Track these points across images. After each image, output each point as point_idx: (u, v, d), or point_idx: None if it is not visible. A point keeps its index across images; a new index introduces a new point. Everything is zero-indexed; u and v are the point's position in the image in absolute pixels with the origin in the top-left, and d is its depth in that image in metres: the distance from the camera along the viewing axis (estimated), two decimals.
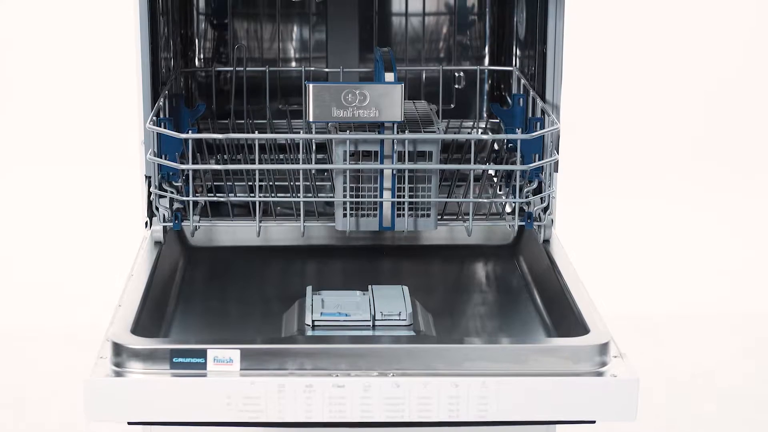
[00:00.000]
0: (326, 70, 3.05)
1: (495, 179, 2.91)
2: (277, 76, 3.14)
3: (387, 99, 2.45)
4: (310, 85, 2.45)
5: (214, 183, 2.79)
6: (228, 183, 2.76)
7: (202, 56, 3.20)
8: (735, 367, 2.95)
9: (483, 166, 2.62)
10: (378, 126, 2.50)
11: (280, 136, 2.54)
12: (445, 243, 2.71)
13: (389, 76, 2.50)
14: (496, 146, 3.02)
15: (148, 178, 2.64)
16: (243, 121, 3.03)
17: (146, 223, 2.67)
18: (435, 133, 2.53)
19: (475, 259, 2.67)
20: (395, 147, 2.50)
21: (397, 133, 2.49)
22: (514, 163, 2.61)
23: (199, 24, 3.19)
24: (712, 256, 3.16)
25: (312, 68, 3.07)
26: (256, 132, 2.46)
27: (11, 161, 3.56)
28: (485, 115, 3.24)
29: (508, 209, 2.80)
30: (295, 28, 3.18)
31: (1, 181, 3.50)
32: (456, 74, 3.23)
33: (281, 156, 2.97)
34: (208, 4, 3.14)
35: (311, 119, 2.46)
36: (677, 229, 3.27)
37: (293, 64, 3.23)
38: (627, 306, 2.97)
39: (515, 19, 3.09)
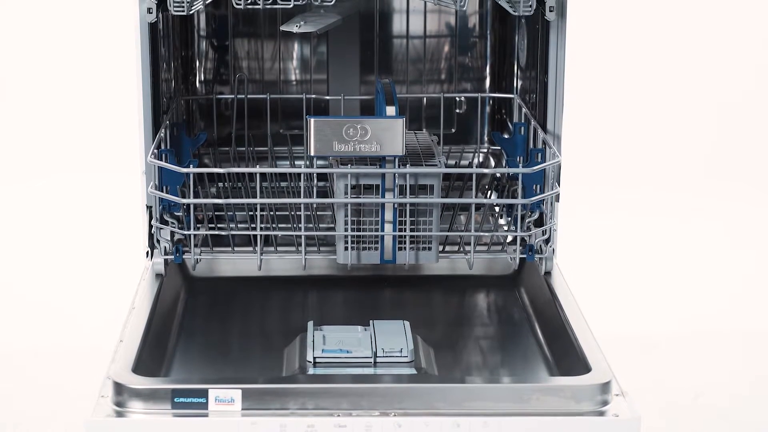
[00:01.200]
0: (327, 97, 3.04)
1: (496, 209, 2.91)
2: (277, 100, 3.15)
3: (388, 133, 2.45)
4: (312, 120, 2.45)
5: (216, 213, 2.79)
6: (229, 213, 2.76)
7: (203, 77, 3.20)
8: (738, 387, 2.95)
9: (484, 200, 2.62)
10: (379, 160, 2.50)
11: (282, 170, 2.55)
12: (446, 273, 2.70)
13: (390, 110, 2.50)
14: (498, 174, 3.02)
15: (149, 208, 2.64)
16: (244, 149, 3.02)
17: (147, 252, 2.67)
18: (436, 167, 2.53)
19: (477, 290, 2.67)
20: (396, 180, 2.50)
21: (399, 166, 2.49)
22: (515, 191, 2.61)
23: (200, 45, 3.19)
24: (718, 278, 3.16)
25: (313, 95, 3.06)
26: (258, 166, 2.44)
27: (14, 176, 3.56)
28: (486, 139, 3.24)
29: (509, 238, 2.80)
30: (296, 49, 3.18)
31: (3, 199, 3.50)
32: (457, 98, 3.23)
33: (282, 184, 2.97)
34: (209, 25, 3.14)
35: (312, 153, 2.46)
36: (680, 251, 3.27)
37: (294, 83, 3.23)
38: (629, 327, 2.96)
39: (516, 45, 3.08)
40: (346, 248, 2.54)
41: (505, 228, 2.77)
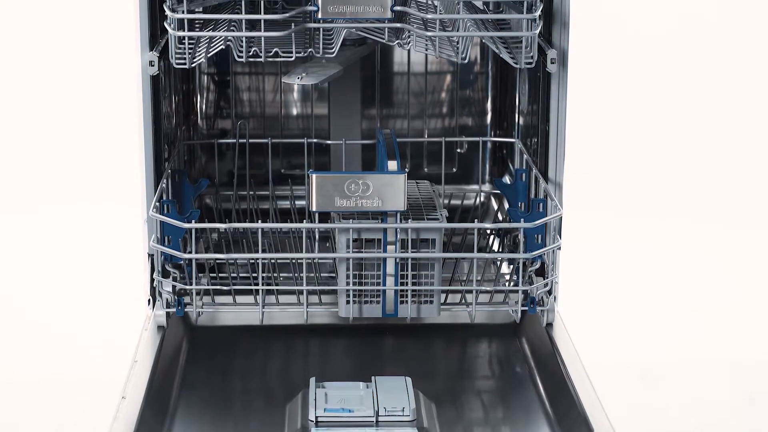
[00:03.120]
0: (328, 142, 3.05)
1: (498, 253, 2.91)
2: (279, 132, 3.16)
3: (390, 188, 2.46)
4: (314, 176, 2.45)
5: (217, 261, 2.79)
6: (230, 263, 2.76)
7: (204, 111, 3.20)
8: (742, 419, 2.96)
9: (486, 255, 2.62)
10: (381, 214, 2.50)
11: (284, 226, 2.55)
12: (447, 322, 2.70)
13: (392, 165, 2.50)
14: (500, 216, 3.02)
15: (150, 256, 2.64)
16: (245, 192, 3.03)
17: (149, 300, 2.67)
18: (438, 221, 2.53)
19: (478, 341, 2.67)
20: (398, 235, 2.50)
21: (400, 221, 2.49)
22: (516, 237, 2.61)
23: (201, 80, 3.20)
24: (729, 322, 3.16)
25: (314, 140, 3.07)
26: (258, 206, 2.45)
27: (17, 210, 3.57)
28: (488, 178, 3.24)
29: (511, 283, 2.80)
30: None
31: (8, 230, 3.50)
32: (458, 144, 3.23)
33: (283, 229, 2.97)
34: (210, 59, 3.13)
35: (314, 209, 2.46)
36: (683, 295, 3.28)
37: (295, 117, 3.23)
38: (631, 373, 2.97)
39: (517, 88, 3.09)
40: (347, 302, 2.55)
41: (507, 278, 2.77)
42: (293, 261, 2.76)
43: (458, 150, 3.22)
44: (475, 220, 2.68)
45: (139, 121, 2.62)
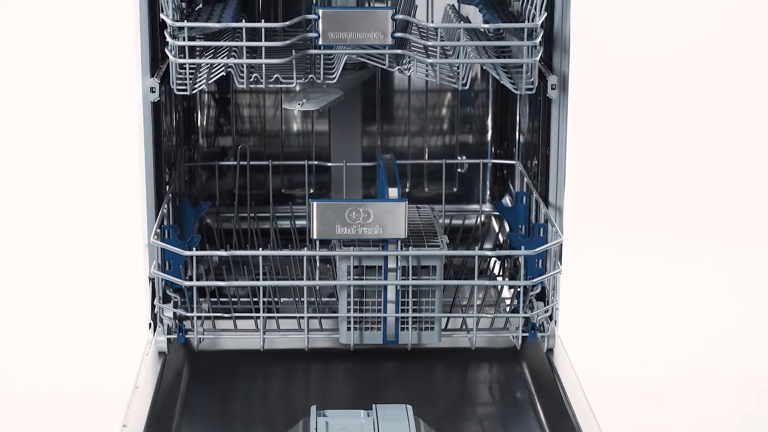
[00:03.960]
0: (329, 164, 3.05)
1: (498, 278, 2.92)
2: (280, 149, 3.16)
3: (391, 216, 2.46)
4: (314, 204, 2.46)
5: (218, 286, 2.79)
6: (231, 286, 2.77)
7: (204, 129, 3.20)
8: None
9: (486, 282, 2.63)
10: (382, 241, 2.51)
11: (285, 253, 2.55)
12: (448, 346, 2.70)
13: (393, 192, 2.50)
14: (501, 237, 3.03)
15: (151, 280, 2.64)
16: (246, 211, 3.03)
17: (150, 324, 2.67)
18: (439, 248, 2.53)
19: (479, 365, 2.68)
20: (399, 262, 2.51)
21: (401, 248, 2.50)
22: (517, 259, 2.61)
23: (201, 97, 3.20)
24: (733, 351, 3.17)
25: (315, 162, 3.07)
26: (260, 250, 2.45)
27: (17, 229, 3.57)
28: (488, 198, 3.25)
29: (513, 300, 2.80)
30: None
31: (8, 251, 3.51)
32: (459, 157, 3.24)
33: (284, 249, 2.98)
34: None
35: (315, 236, 2.47)
36: (684, 317, 3.29)
37: (296, 134, 3.24)
38: (632, 397, 2.97)
39: (518, 109, 3.09)
40: (348, 329, 2.55)
41: (507, 303, 2.77)
42: (294, 287, 2.77)
43: (459, 170, 3.23)
44: (476, 247, 2.68)
45: (140, 146, 2.63)
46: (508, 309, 2.75)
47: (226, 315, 2.60)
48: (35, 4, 3.45)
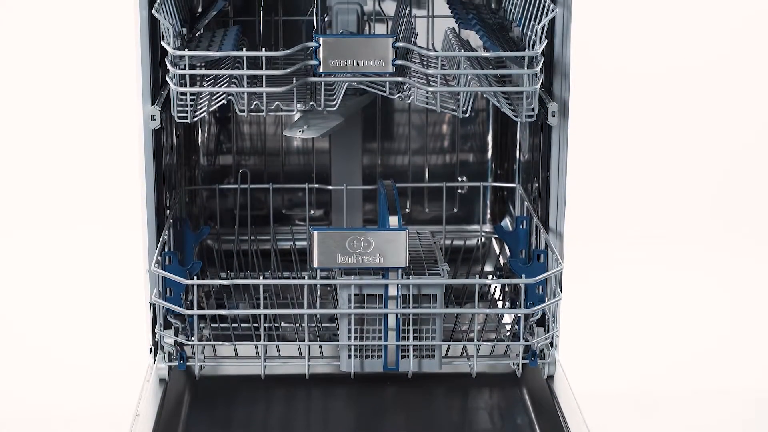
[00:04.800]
0: (330, 187, 3.05)
1: (499, 303, 2.92)
2: (280, 167, 3.16)
3: (391, 245, 2.47)
4: (315, 233, 2.46)
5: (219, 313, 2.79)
6: (232, 309, 2.77)
7: (205, 141, 3.21)
8: None
9: (486, 310, 2.63)
10: (382, 269, 2.51)
11: (286, 282, 2.55)
12: (448, 372, 2.70)
13: (393, 221, 2.51)
14: (501, 260, 3.03)
15: (152, 305, 2.64)
16: (247, 230, 3.04)
17: (150, 349, 2.67)
18: (439, 276, 2.54)
19: (479, 392, 2.68)
20: (400, 290, 2.51)
21: (402, 276, 2.50)
22: (517, 284, 2.62)
23: (202, 117, 3.20)
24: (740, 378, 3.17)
25: (315, 185, 3.08)
26: (261, 276, 2.46)
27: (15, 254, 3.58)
28: (488, 217, 3.25)
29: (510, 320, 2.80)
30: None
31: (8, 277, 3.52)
32: (459, 178, 3.24)
33: (285, 274, 2.99)
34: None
35: (316, 265, 2.47)
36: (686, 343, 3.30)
37: (296, 152, 3.24)
38: (631, 389, 2.97)
39: (518, 131, 3.09)
40: (349, 356, 2.56)
41: (508, 328, 2.77)
42: (295, 315, 2.77)
43: (459, 191, 3.23)
44: (477, 272, 2.68)
45: (140, 172, 2.63)
46: (508, 334, 2.75)
47: (226, 343, 2.60)
48: (38, 28, 3.46)
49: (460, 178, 3.23)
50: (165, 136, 2.77)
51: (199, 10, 3.05)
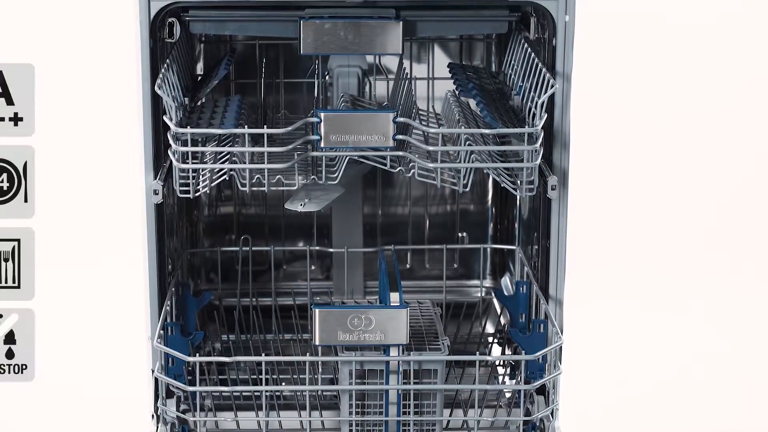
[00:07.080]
0: (331, 250, 3.07)
1: (500, 369, 2.94)
2: (280, 223, 3.18)
3: (393, 322, 2.48)
4: (317, 310, 2.47)
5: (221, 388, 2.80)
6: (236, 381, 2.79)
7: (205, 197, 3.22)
8: None
9: (487, 386, 2.64)
10: (383, 346, 2.52)
11: (287, 359, 2.57)
12: None
13: (394, 298, 2.52)
14: (502, 320, 3.05)
15: (154, 374, 2.66)
16: (248, 300, 3.05)
17: (152, 415, 2.69)
18: (440, 351, 2.55)
19: None
20: (401, 366, 2.52)
21: (403, 352, 2.52)
22: (517, 348, 2.64)
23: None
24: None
25: (316, 247, 3.09)
26: (263, 354, 2.47)
27: None
28: (489, 272, 3.27)
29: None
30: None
31: None
32: (459, 234, 3.26)
33: (286, 336, 3.01)
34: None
35: (317, 343, 2.49)
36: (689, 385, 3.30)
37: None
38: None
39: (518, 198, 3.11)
40: (350, 431, 2.57)
41: (508, 396, 2.79)
42: (295, 377, 2.79)
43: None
44: (478, 341, 2.70)
45: (143, 244, 2.64)
46: (509, 403, 2.76)
47: (228, 418, 2.62)
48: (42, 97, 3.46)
49: (460, 234, 3.24)
50: (166, 204, 2.77)
51: (200, 73, 3.06)
